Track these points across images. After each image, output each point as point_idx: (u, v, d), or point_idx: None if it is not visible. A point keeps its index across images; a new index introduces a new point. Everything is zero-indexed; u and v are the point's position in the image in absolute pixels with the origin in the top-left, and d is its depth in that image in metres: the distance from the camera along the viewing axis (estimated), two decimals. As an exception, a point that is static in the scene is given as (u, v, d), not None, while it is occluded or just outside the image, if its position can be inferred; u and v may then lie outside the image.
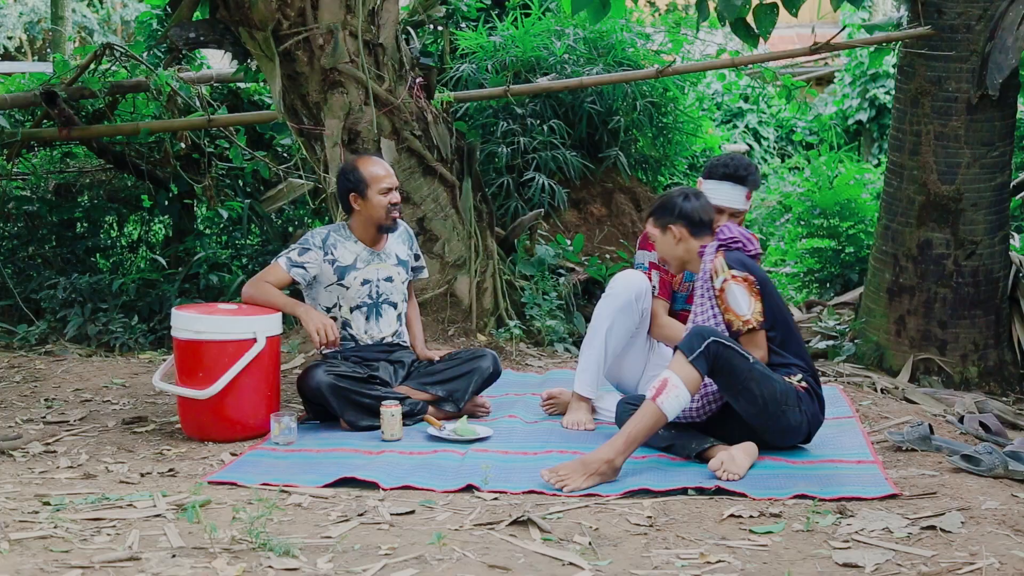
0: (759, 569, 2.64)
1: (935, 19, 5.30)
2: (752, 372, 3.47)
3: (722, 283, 3.62)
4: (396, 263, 4.33)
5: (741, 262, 3.64)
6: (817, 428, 3.70)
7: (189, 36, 5.27)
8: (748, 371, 3.46)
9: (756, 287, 3.62)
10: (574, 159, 7.26)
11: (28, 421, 4.20)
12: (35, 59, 17.28)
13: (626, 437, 3.38)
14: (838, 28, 6.88)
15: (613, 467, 3.36)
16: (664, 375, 3.40)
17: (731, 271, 3.62)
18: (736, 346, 3.47)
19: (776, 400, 3.51)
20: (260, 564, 2.60)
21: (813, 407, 3.63)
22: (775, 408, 3.51)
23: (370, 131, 5.21)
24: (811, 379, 3.66)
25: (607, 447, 3.38)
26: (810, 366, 3.70)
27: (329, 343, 4.01)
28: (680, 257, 3.83)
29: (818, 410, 3.67)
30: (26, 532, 2.80)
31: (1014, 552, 2.71)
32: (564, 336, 5.77)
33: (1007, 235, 5.53)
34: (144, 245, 7.27)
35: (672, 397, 3.36)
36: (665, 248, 3.85)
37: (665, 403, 3.36)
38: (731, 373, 3.45)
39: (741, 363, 3.45)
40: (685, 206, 3.79)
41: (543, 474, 3.36)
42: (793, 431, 3.61)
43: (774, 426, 3.56)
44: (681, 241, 3.79)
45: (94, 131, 6.51)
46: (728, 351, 3.43)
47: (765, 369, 3.53)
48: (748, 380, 3.46)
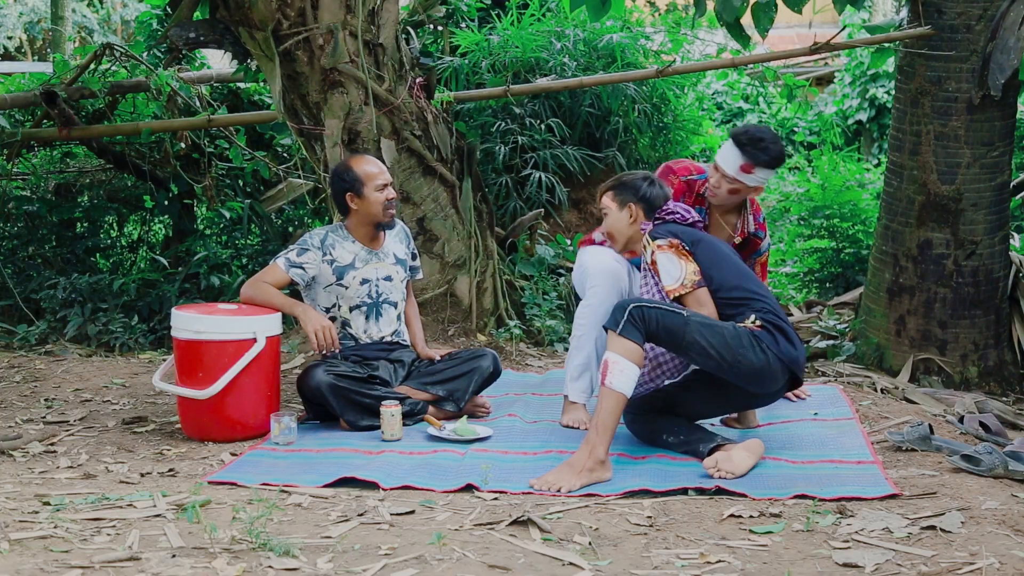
0: (759, 569, 2.64)
1: (935, 19, 5.29)
2: (689, 323, 3.46)
3: (651, 256, 3.67)
4: (394, 262, 4.33)
5: (666, 230, 3.69)
6: (796, 365, 3.62)
7: (189, 36, 5.27)
8: (684, 323, 3.46)
9: (684, 248, 3.64)
10: (575, 152, 7.26)
11: (28, 421, 4.20)
12: (35, 59, 17.28)
13: (595, 428, 3.40)
14: (838, 28, 6.88)
15: (597, 459, 3.37)
16: (604, 357, 3.44)
17: (655, 241, 3.67)
18: (662, 305, 3.47)
19: (728, 346, 3.47)
20: (260, 564, 2.60)
21: (777, 342, 3.56)
22: (730, 355, 3.47)
23: (370, 131, 5.21)
24: (770, 316, 3.60)
25: (584, 444, 3.41)
26: (768, 304, 3.65)
27: (327, 345, 4.01)
28: (629, 236, 3.86)
29: (787, 344, 3.59)
30: (26, 532, 2.80)
31: (1014, 552, 2.71)
32: (564, 336, 5.77)
33: (1007, 235, 5.53)
34: (144, 245, 7.27)
35: (618, 373, 3.38)
36: (617, 224, 3.86)
37: (615, 382, 3.38)
38: (669, 331, 3.45)
39: (674, 319, 3.45)
40: (649, 191, 3.83)
41: (533, 484, 3.36)
42: (761, 373, 3.54)
43: (739, 373, 3.51)
44: (635, 222, 3.83)
45: (94, 131, 6.51)
46: (653, 311, 3.44)
47: (704, 318, 3.51)
48: (689, 332, 3.45)
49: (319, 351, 4.03)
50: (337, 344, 4.05)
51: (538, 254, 6.23)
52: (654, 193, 3.83)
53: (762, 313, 3.62)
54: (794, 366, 3.63)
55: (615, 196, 3.87)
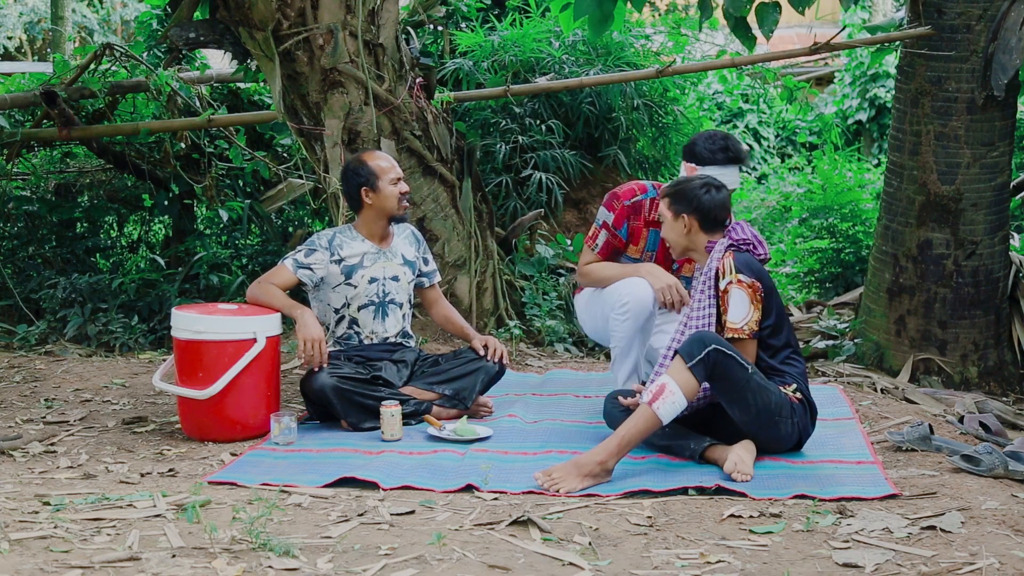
0: (759, 569, 2.64)
1: (935, 19, 5.29)
2: (750, 383, 3.45)
3: (727, 284, 3.60)
4: (403, 263, 4.33)
5: (749, 266, 3.61)
6: (807, 438, 3.70)
7: (189, 36, 5.28)
8: (746, 381, 3.45)
9: (760, 294, 3.59)
10: (572, 157, 7.26)
11: (28, 421, 4.20)
12: (35, 59, 17.28)
13: (619, 440, 3.38)
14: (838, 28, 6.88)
15: (605, 469, 3.36)
16: (662, 380, 3.39)
17: (738, 275, 3.58)
18: (737, 355, 3.44)
19: (770, 411, 3.50)
20: (260, 564, 2.60)
21: (805, 419, 3.63)
22: (768, 418, 3.51)
23: (370, 131, 5.21)
24: (804, 388, 3.65)
25: (600, 449, 3.38)
26: (803, 375, 3.70)
27: (313, 359, 3.98)
28: (684, 246, 3.78)
29: (809, 422, 3.66)
30: (26, 532, 2.80)
31: (1014, 552, 2.71)
32: (564, 336, 5.77)
33: (1007, 235, 5.53)
34: (144, 245, 7.27)
35: (668, 403, 3.36)
36: (672, 234, 3.80)
37: (661, 408, 3.35)
38: (729, 381, 3.44)
39: (740, 373, 3.44)
40: (704, 200, 3.70)
41: (536, 476, 3.36)
42: (783, 440, 3.61)
43: (765, 435, 3.56)
44: (690, 232, 3.74)
45: (94, 131, 6.51)
46: (728, 360, 3.41)
47: (763, 380, 3.51)
48: (745, 390, 3.45)
49: (305, 361, 4.02)
50: (325, 360, 4.01)
51: (538, 254, 6.23)
52: (709, 202, 3.70)
53: (801, 384, 3.64)
54: (805, 438, 3.69)
55: (671, 205, 3.77)
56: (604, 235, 4.20)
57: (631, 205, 4.18)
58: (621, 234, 4.18)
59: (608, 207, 4.19)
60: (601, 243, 4.20)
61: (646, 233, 4.19)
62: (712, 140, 4.10)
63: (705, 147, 4.08)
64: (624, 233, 4.18)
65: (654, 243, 4.19)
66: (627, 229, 4.18)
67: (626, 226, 4.18)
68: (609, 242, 4.20)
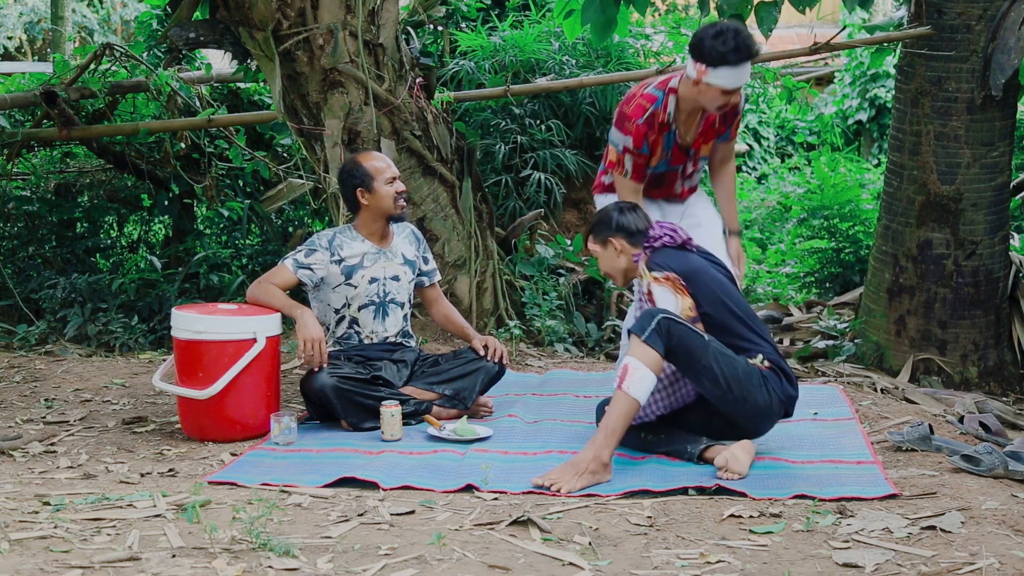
0: (759, 569, 2.64)
1: (935, 19, 5.30)
2: (708, 349, 3.44)
3: (647, 288, 3.61)
4: (403, 262, 4.33)
5: (660, 262, 3.62)
6: (792, 404, 3.64)
7: (189, 36, 5.28)
8: (704, 348, 3.43)
9: (680, 283, 3.57)
10: (573, 156, 7.26)
11: (28, 421, 4.20)
12: (35, 59, 17.27)
13: (605, 431, 3.38)
14: (838, 28, 6.88)
15: (601, 462, 3.36)
16: (624, 361, 3.40)
17: (651, 273, 3.60)
18: (688, 324, 3.44)
19: (739, 380, 3.46)
20: (260, 564, 2.60)
21: (783, 384, 3.58)
22: (739, 390, 3.46)
23: (370, 131, 5.21)
24: (774, 356, 3.61)
25: (590, 445, 3.39)
26: (770, 343, 3.65)
27: (313, 359, 3.98)
28: (623, 269, 3.79)
29: (788, 386, 3.60)
30: (26, 532, 2.80)
31: (1014, 552, 2.71)
32: (564, 336, 5.77)
33: (1007, 235, 5.53)
34: (144, 245, 7.27)
35: (636, 380, 3.35)
36: (608, 263, 3.81)
37: (631, 387, 3.35)
38: (688, 351, 3.42)
39: (696, 340, 3.43)
40: (621, 220, 3.75)
41: (534, 481, 3.35)
42: (764, 412, 3.55)
43: (743, 410, 3.51)
44: (622, 253, 3.75)
45: (94, 131, 6.51)
46: (680, 327, 3.41)
47: (723, 348, 3.49)
48: (705, 357, 3.43)
49: (305, 361, 4.02)
50: (326, 360, 4.01)
51: (538, 254, 6.23)
52: (627, 220, 3.75)
53: (769, 353, 3.61)
54: (790, 404, 3.65)
55: (595, 239, 3.81)
56: (630, 159, 4.03)
57: (645, 122, 4.00)
58: (644, 151, 4.02)
59: (623, 130, 4.02)
60: (630, 167, 4.04)
61: (661, 140, 4.05)
62: (722, 39, 3.76)
63: (714, 47, 3.76)
64: (647, 149, 4.03)
65: (668, 145, 4.06)
66: (647, 144, 4.03)
67: (646, 143, 4.02)
68: (637, 163, 4.04)
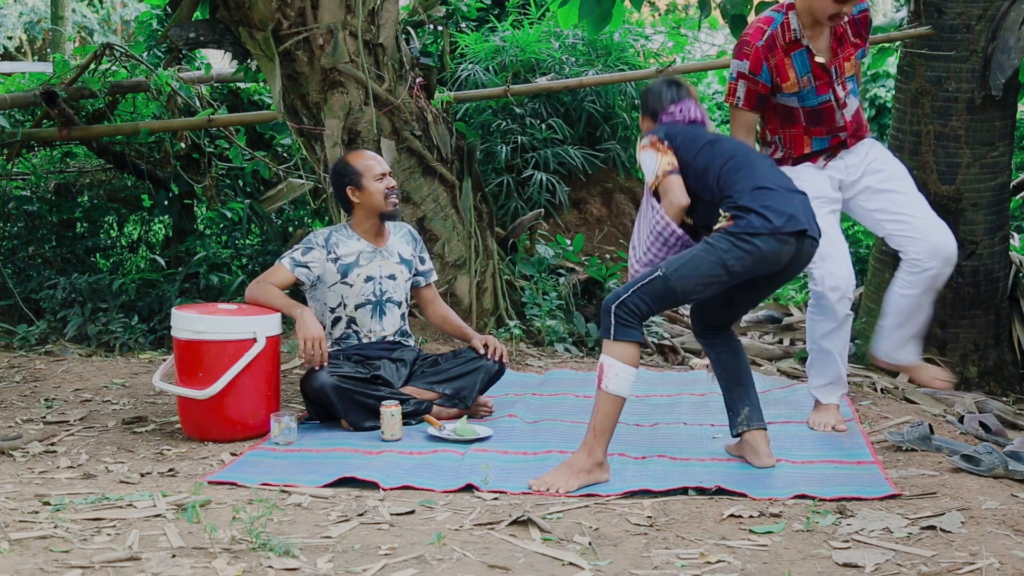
0: (759, 569, 2.64)
1: (935, 19, 5.30)
2: (669, 279, 3.37)
3: (638, 159, 3.67)
4: (399, 261, 4.33)
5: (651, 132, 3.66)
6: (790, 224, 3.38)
7: (189, 36, 5.28)
8: (665, 282, 3.37)
9: (661, 143, 3.57)
10: (576, 151, 7.27)
11: (28, 421, 4.20)
12: (35, 59, 17.27)
13: (593, 430, 3.39)
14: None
15: (595, 461, 3.37)
16: (600, 361, 3.41)
17: (639, 143, 3.66)
18: (637, 282, 3.40)
19: (713, 264, 3.37)
20: (260, 564, 2.60)
21: (753, 224, 3.37)
22: (723, 270, 3.38)
23: (370, 131, 5.21)
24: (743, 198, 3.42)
25: (581, 446, 3.41)
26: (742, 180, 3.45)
27: (314, 357, 3.98)
28: None
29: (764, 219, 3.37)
30: (26, 532, 2.79)
31: (1014, 552, 2.71)
32: (564, 336, 5.77)
33: (1007, 235, 5.53)
34: (144, 245, 7.27)
35: (614, 377, 3.35)
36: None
37: (610, 385, 3.36)
38: (659, 298, 3.39)
39: (653, 286, 3.37)
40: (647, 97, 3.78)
41: (531, 484, 3.35)
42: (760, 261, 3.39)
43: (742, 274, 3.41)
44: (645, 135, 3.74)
45: (94, 131, 6.51)
46: (632, 296, 3.37)
47: (677, 260, 3.41)
48: (674, 284, 3.37)
49: (306, 361, 4.02)
50: (326, 359, 4.01)
51: (538, 254, 6.23)
52: (651, 96, 3.77)
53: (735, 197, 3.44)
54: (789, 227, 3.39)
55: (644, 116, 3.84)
56: (743, 85, 3.85)
57: (765, 44, 3.82)
58: (763, 79, 3.84)
59: (740, 56, 3.87)
60: (743, 95, 3.86)
61: (790, 61, 3.84)
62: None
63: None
64: (766, 76, 3.84)
65: (804, 66, 3.84)
66: (768, 70, 3.84)
67: (765, 67, 3.84)
68: (751, 91, 3.86)
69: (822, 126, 3.92)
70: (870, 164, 3.94)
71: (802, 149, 3.94)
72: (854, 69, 3.92)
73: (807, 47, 3.83)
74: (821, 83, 3.86)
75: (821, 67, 3.85)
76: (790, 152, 3.97)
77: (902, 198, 3.87)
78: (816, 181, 3.89)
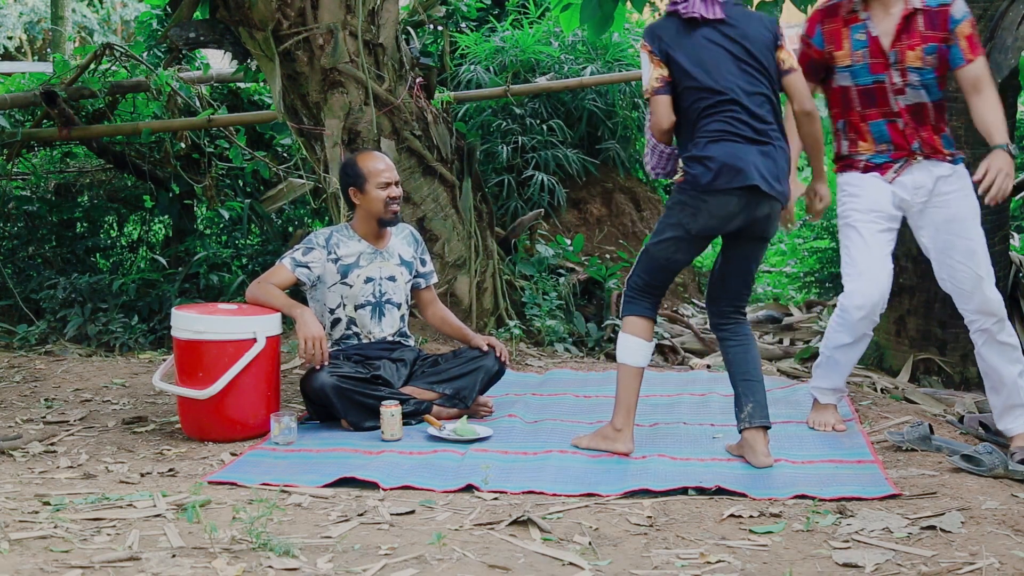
0: (759, 569, 2.64)
1: (935, 19, 5.29)
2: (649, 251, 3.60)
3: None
4: (399, 263, 4.33)
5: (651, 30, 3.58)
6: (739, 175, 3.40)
7: (189, 36, 5.28)
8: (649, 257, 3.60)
9: (652, 53, 3.53)
10: (575, 155, 7.27)
11: (28, 421, 4.20)
12: (35, 59, 17.28)
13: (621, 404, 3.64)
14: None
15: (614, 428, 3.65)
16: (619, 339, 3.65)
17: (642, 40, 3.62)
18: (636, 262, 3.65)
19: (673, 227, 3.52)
20: (260, 564, 2.60)
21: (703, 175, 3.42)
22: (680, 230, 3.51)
23: (370, 131, 5.21)
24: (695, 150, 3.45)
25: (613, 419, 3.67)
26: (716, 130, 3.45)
27: (315, 357, 3.98)
28: None
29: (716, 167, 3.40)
30: (26, 532, 2.80)
31: (1014, 552, 2.71)
32: (564, 336, 5.77)
33: (1007, 235, 5.52)
34: (144, 245, 7.28)
35: (623, 348, 3.61)
36: None
37: (621, 356, 3.61)
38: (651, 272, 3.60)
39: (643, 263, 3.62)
40: None
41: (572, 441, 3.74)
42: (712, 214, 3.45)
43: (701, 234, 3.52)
44: None
45: (94, 131, 6.51)
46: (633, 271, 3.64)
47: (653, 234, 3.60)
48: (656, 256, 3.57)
49: (306, 360, 4.02)
50: (326, 359, 4.01)
51: (538, 254, 6.24)
52: None
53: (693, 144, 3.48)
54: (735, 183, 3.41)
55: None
56: (800, 48, 3.78)
57: (825, 9, 3.76)
58: (815, 42, 3.77)
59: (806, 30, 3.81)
60: (797, 56, 3.74)
61: (846, 32, 3.74)
62: None
63: None
64: (819, 41, 3.76)
65: (860, 41, 3.72)
66: (821, 34, 3.76)
67: (819, 31, 3.76)
68: (804, 52, 3.78)
69: (875, 107, 3.78)
70: (938, 196, 3.75)
71: (865, 136, 3.82)
72: (931, 64, 3.71)
73: (865, 22, 3.71)
74: (876, 62, 3.73)
75: (878, 47, 3.72)
76: (855, 140, 3.84)
77: (961, 243, 3.71)
78: (877, 194, 3.77)
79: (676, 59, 3.49)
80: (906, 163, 3.78)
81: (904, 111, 3.76)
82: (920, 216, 3.79)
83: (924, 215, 3.77)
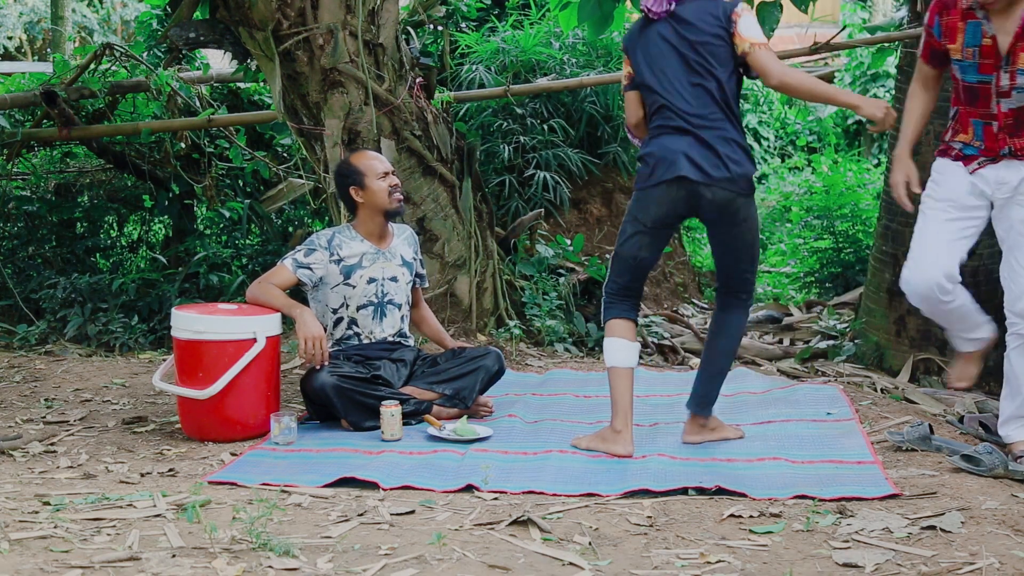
0: (759, 569, 2.64)
1: (935, 19, 5.28)
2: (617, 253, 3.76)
3: None
4: (401, 263, 4.33)
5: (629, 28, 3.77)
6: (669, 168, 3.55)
7: (189, 36, 5.28)
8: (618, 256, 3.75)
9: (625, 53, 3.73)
10: (576, 155, 7.27)
11: (28, 421, 4.20)
12: (35, 59, 17.28)
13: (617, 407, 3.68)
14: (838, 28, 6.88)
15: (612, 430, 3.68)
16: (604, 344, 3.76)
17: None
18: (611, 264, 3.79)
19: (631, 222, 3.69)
20: (260, 564, 2.60)
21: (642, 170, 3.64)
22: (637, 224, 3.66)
23: (370, 131, 5.21)
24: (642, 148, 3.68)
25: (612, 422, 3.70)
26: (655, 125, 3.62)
27: (315, 357, 3.98)
28: None
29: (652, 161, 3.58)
30: (26, 532, 2.80)
31: (1014, 552, 2.71)
32: (564, 336, 5.77)
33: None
34: (144, 245, 7.28)
35: (608, 352, 3.69)
36: None
37: (608, 359, 3.69)
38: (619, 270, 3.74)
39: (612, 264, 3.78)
40: None
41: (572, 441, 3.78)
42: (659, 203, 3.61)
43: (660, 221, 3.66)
44: None
45: (94, 131, 6.51)
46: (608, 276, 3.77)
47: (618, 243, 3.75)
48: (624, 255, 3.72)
49: (306, 360, 4.02)
50: (326, 358, 4.01)
51: (538, 254, 6.24)
52: None
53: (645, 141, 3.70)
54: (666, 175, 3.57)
55: None
56: (924, 36, 3.74)
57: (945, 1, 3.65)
58: (935, 32, 3.67)
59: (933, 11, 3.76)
60: (922, 45, 3.76)
61: (962, 26, 3.61)
62: None
63: None
64: (937, 31, 3.66)
65: (974, 37, 3.58)
66: (940, 26, 3.66)
67: (937, 22, 3.66)
68: (927, 43, 3.72)
69: (975, 107, 3.69)
70: (1021, 195, 3.66)
71: (966, 128, 3.77)
72: None
73: (981, 20, 3.60)
74: (986, 62, 3.63)
75: (994, 46, 3.60)
76: (958, 130, 3.80)
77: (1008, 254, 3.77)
78: (955, 183, 3.75)
79: (633, 57, 3.69)
80: (992, 161, 3.74)
81: (1002, 115, 3.67)
82: (1000, 210, 3.78)
83: (1004, 209, 3.75)
